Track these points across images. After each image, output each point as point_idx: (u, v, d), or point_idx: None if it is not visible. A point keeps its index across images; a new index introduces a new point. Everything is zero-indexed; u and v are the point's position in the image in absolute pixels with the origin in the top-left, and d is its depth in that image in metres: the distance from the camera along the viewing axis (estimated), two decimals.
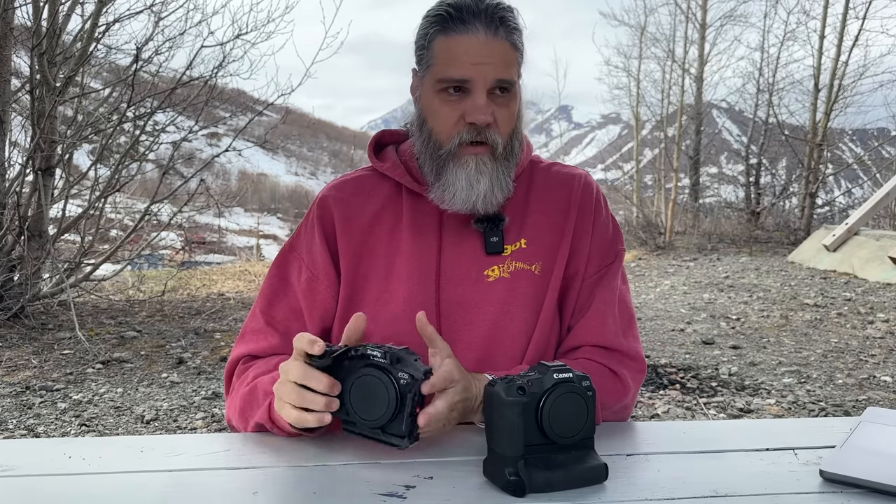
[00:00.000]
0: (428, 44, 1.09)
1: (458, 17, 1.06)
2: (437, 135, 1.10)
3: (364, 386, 0.88)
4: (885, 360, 4.39)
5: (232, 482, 0.87)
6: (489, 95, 1.07)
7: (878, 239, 8.05)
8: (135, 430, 3.29)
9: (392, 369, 0.87)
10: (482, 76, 1.06)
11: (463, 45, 1.06)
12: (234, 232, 44.91)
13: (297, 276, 1.20)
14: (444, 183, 1.10)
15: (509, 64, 1.08)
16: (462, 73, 1.06)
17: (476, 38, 1.05)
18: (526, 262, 1.16)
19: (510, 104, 1.10)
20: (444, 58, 1.07)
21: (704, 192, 18.51)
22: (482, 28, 1.05)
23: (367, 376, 0.88)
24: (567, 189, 1.21)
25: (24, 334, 5.04)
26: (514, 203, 1.18)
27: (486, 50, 1.05)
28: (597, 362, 1.13)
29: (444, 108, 1.08)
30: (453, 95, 1.08)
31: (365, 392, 0.88)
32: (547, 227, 1.18)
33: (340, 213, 1.19)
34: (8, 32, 5.56)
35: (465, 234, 1.16)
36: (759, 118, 15.64)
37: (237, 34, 6.65)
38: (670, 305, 6.53)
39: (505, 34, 1.07)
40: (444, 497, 0.82)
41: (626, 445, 0.99)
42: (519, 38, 1.10)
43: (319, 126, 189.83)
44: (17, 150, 6.13)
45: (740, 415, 3.46)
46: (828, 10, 13.67)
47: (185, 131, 6.96)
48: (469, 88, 1.07)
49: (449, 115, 1.08)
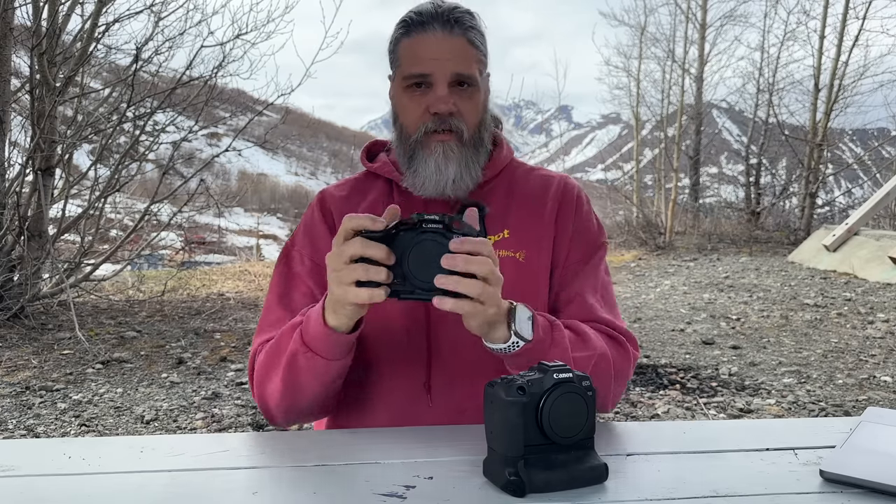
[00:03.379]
0: (395, 48, 1.20)
1: (419, 20, 1.17)
2: (406, 127, 1.19)
3: (423, 251, 0.91)
4: (885, 360, 4.39)
5: (232, 482, 0.88)
6: (451, 88, 1.16)
7: (878, 239, 8.06)
8: (135, 430, 3.29)
9: (448, 233, 0.91)
10: (441, 70, 1.15)
11: (422, 43, 1.16)
12: (234, 232, 44.92)
13: (302, 266, 1.25)
14: (415, 170, 1.19)
15: (467, 59, 1.17)
16: (422, 69, 1.15)
17: (434, 36, 1.15)
18: (510, 250, 1.21)
19: (473, 97, 1.18)
20: (408, 57, 1.17)
21: (704, 192, 18.51)
22: (439, 28, 1.16)
23: (426, 241, 0.91)
24: (547, 186, 1.28)
25: (24, 334, 5.04)
26: (497, 198, 1.24)
27: (443, 46, 1.15)
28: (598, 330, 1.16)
29: (410, 102, 1.18)
30: (418, 91, 1.17)
31: (425, 257, 0.91)
32: (529, 218, 1.23)
33: (338, 207, 1.27)
34: (8, 32, 5.56)
35: None
36: (759, 118, 15.65)
37: (237, 34, 6.65)
38: (670, 305, 6.53)
39: (461, 31, 1.17)
40: (444, 497, 0.82)
41: (626, 445, 0.99)
42: (477, 36, 1.19)
43: (319, 126, 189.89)
44: (17, 150, 6.14)
45: (740, 415, 3.46)
46: (828, 10, 13.68)
47: (185, 131, 6.97)
48: (431, 83, 1.15)
49: (415, 108, 1.17)
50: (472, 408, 1.17)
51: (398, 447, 0.98)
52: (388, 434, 1.07)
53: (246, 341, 5.02)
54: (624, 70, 18.03)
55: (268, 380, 1.13)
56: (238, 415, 3.46)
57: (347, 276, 0.93)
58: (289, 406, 1.12)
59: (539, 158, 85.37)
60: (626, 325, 1.25)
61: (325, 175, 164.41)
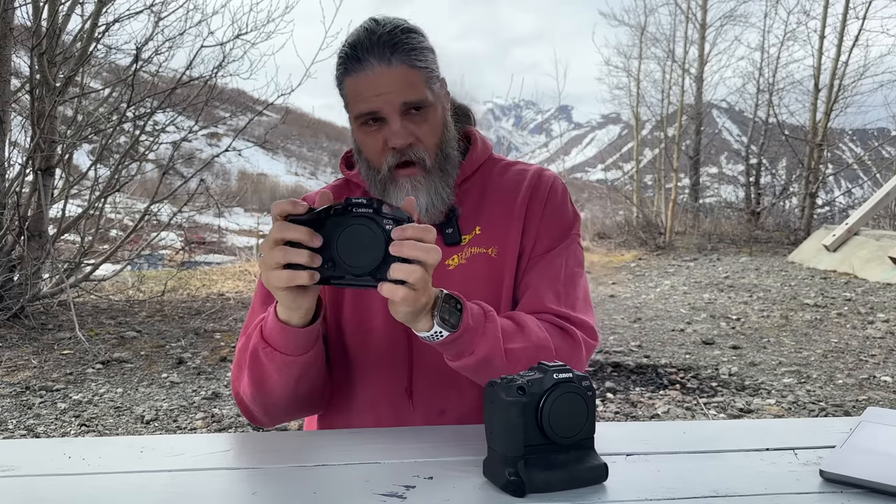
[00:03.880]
0: (340, 86, 1.18)
1: (354, 55, 1.13)
2: (371, 162, 1.19)
3: (352, 236, 0.90)
4: (885, 360, 4.39)
5: (232, 482, 0.87)
6: (405, 117, 1.14)
7: (878, 239, 8.06)
8: (135, 430, 3.29)
9: (377, 217, 0.90)
10: (388, 104, 1.12)
11: (363, 82, 1.13)
12: (234, 232, 44.91)
13: None
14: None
15: (412, 85, 1.13)
16: (369, 107, 1.13)
17: (372, 72, 1.12)
18: (482, 247, 1.21)
19: (428, 117, 1.16)
20: (353, 97, 1.15)
21: (704, 192, 18.51)
22: (375, 61, 1.12)
23: (354, 226, 0.90)
24: (520, 179, 1.27)
25: (24, 334, 5.04)
26: (471, 197, 1.24)
27: (382, 80, 1.12)
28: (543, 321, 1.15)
29: (367, 139, 1.17)
30: (372, 126, 1.15)
31: (353, 242, 0.90)
32: (500, 213, 1.23)
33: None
34: (8, 32, 5.56)
35: None
36: (759, 118, 15.65)
37: (237, 34, 6.66)
38: (670, 305, 6.53)
39: (399, 60, 1.12)
40: (444, 497, 0.82)
41: (626, 445, 0.99)
42: (418, 56, 1.14)
43: (319, 126, 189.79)
44: (17, 150, 6.14)
45: (740, 415, 3.46)
46: (828, 10, 13.70)
47: (185, 131, 6.97)
48: (381, 117, 1.14)
49: (374, 144, 1.16)
50: (452, 409, 1.19)
51: (398, 447, 0.98)
52: (388, 434, 1.07)
53: None
54: (624, 70, 18.04)
55: (240, 376, 1.14)
56: (238, 415, 3.46)
57: (271, 259, 0.92)
58: (262, 403, 1.12)
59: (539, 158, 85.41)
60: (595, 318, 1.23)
61: (325, 175, 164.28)
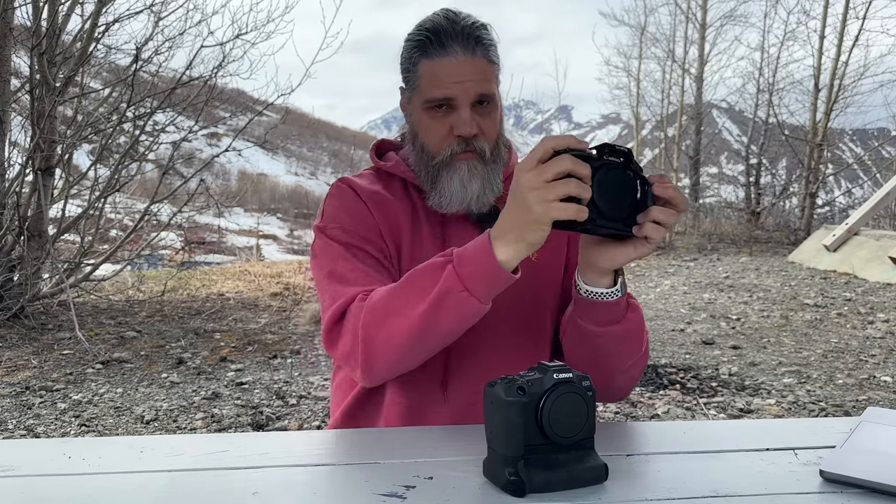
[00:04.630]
0: (413, 67, 1.19)
1: (438, 41, 1.15)
2: (429, 147, 1.20)
3: (609, 181, 0.93)
4: (885, 360, 4.39)
5: (232, 482, 0.88)
6: (472, 108, 1.17)
7: (878, 239, 8.06)
8: (135, 430, 3.29)
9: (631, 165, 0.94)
10: (465, 93, 1.15)
11: (444, 67, 1.15)
12: (234, 232, 44.92)
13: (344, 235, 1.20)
14: (441, 189, 1.20)
15: (488, 79, 1.17)
16: (446, 93, 1.15)
17: (455, 59, 1.15)
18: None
19: (492, 113, 1.20)
20: (429, 80, 1.16)
21: (704, 192, 18.51)
22: (460, 50, 1.15)
23: (612, 171, 0.93)
24: None
25: (24, 334, 5.04)
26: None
27: (465, 69, 1.15)
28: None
29: (433, 124, 1.18)
30: (440, 112, 1.17)
31: (611, 187, 0.93)
32: None
33: (373, 199, 1.24)
34: (8, 32, 5.56)
35: (466, 231, 1.23)
36: (759, 118, 15.64)
37: (237, 34, 6.65)
38: (670, 305, 6.53)
39: (481, 52, 1.17)
40: (444, 497, 0.82)
41: (626, 445, 0.99)
42: (494, 52, 1.19)
43: (319, 126, 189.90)
44: (17, 150, 6.13)
45: (740, 415, 3.46)
46: (828, 10, 13.68)
47: (184, 131, 6.96)
48: (454, 104, 1.16)
49: (438, 129, 1.18)
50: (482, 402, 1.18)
51: (398, 447, 0.98)
52: (389, 434, 1.07)
53: (246, 341, 5.03)
54: (624, 70, 18.05)
55: (388, 323, 1.03)
56: (238, 415, 3.46)
57: (553, 192, 0.89)
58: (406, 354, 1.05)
59: None
60: None
61: (325, 175, 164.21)
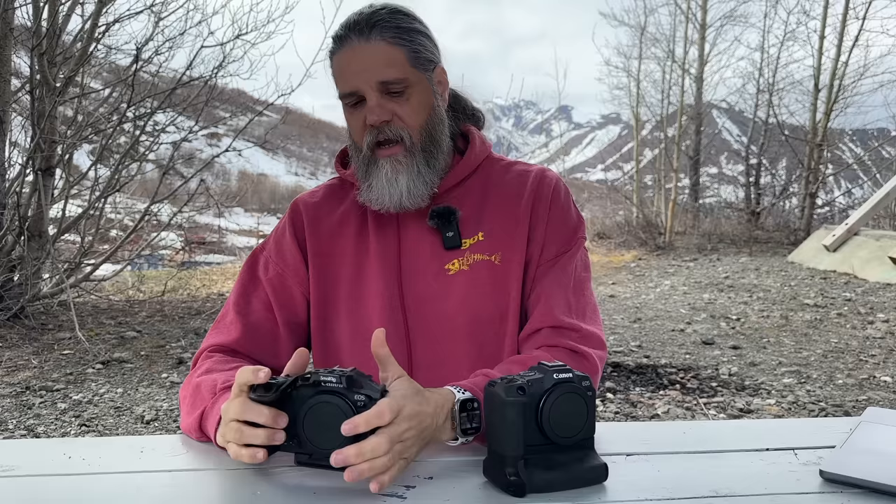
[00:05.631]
0: (331, 66, 1.18)
1: (340, 34, 1.14)
2: (356, 143, 1.18)
3: (319, 414, 0.83)
4: (885, 360, 4.39)
5: (232, 482, 0.88)
6: (384, 96, 1.12)
7: (878, 239, 8.06)
8: (135, 430, 3.29)
9: (347, 393, 0.83)
10: (364, 82, 1.12)
11: (343, 59, 1.13)
12: (234, 232, 44.93)
13: (265, 271, 1.25)
14: (369, 185, 1.17)
15: (391, 62, 1.12)
16: (348, 86, 1.13)
17: (351, 49, 1.12)
18: (485, 253, 1.18)
19: (411, 98, 1.14)
20: (337, 76, 1.15)
21: (704, 192, 18.51)
22: (355, 38, 1.12)
23: (321, 403, 0.83)
24: (523, 181, 1.23)
25: (24, 334, 5.04)
26: (472, 198, 1.21)
27: (360, 57, 1.12)
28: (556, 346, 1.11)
29: (351, 119, 1.17)
30: (356, 107, 1.15)
31: (321, 420, 0.83)
32: (504, 217, 1.20)
33: (310, 215, 1.25)
34: (8, 32, 5.56)
35: (423, 232, 1.20)
36: (759, 118, 15.65)
37: (237, 34, 6.66)
38: (670, 305, 6.53)
39: (378, 35, 1.11)
40: (444, 497, 0.82)
41: (626, 445, 0.99)
42: (402, 34, 1.13)
43: (319, 126, 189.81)
44: (17, 150, 6.14)
45: (740, 415, 3.46)
46: (828, 10, 13.69)
47: (185, 131, 6.97)
48: (362, 96, 1.13)
49: (356, 123, 1.16)
50: None
51: None
52: None
53: None
54: (624, 70, 18.02)
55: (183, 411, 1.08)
56: None
57: (230, 433, 0.87)
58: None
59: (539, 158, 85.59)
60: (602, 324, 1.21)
61: (325, 175, 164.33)
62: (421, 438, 0.87)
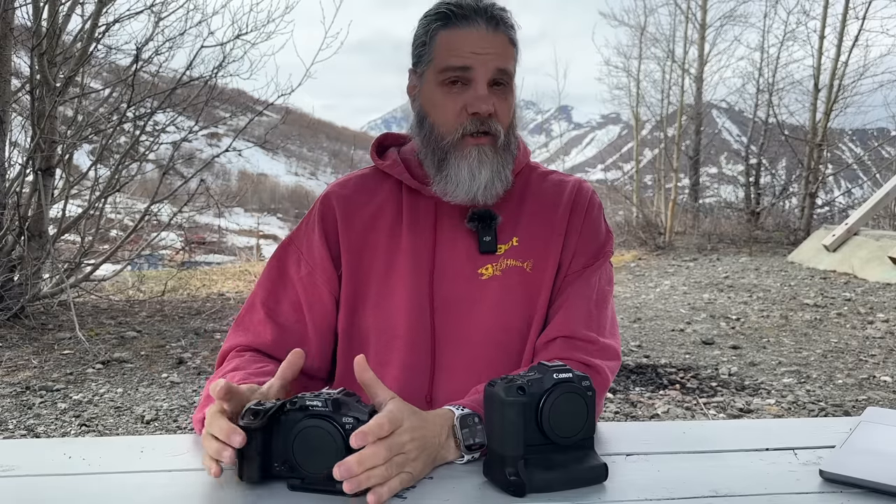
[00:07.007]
0: (430, 40, 1.14)
1: (461, 13, 1.11)
2: (439, 127, 1.14)
3: (308, 438, 0.83)
4: (885, 360, 4.39)
5: (232, 482, 0.88)
6: (489, 88, 1.11)
7: (878, 239, 8.06)
8: (135, 430, 3.29)
9: (335, 416, 0.82)
10: (484, 65, 1.10)
11: (465, 36, 1.11)
12: (234, 232, 44.95)
13: (297, 268, 1.21)
14: (447, 175, 1.13)
15: (508, 56, 1.13)
16: (464, 62, 1.10)
17: (478, 31, 1.10)
18: (518, 260, 1.17)
19: (508, 97, 1.14)
20: (447, 49, 1.11)
21: (704, 192, 18.51)
22: (483, 23, 1.11)
23: (309, 427, 0.83)
24: (560, 190, 1.23)
25: (24, 334, 5.04)
26: (510, 203, 1.20)
27: (487, 41, 1.11)
28: (570, 360, 1.10)
29: (446, 100, 1.12)
30: (455, 87, 1.12)
31: (309, 444, 0.83)
32: (539, 225, 1.19)
33: (343, 209, 1.22)
34: (8, 32, 5.56)
35: (459, 233, 1.18)
36: (759, 118, 15.64)
37: (237, 34, 6.64)
38: (670, 305, 6.53)
39: (504, 29, 1.13)
40: (444, 497, 0.82)
41: (626, 445, 0.99)
42: (515, 36, 1.15)
43: (319, 126, 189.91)
44: (17, 150, 6.13)
45: (740, 415, 3.46)
46: (828, 10, 13.69)
47: (185, 131, 6.96)
48: (470, 79, 1.11)
49: (451, 106, 1.12)
50: None
51: None
52: None
53: None
54: (624, 70, 18.05)
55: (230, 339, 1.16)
56: None
57: (203, 441, 0.88)
58: None
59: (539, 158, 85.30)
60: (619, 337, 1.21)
61: (325, 175, 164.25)
62: (425, 454, 0.86)
